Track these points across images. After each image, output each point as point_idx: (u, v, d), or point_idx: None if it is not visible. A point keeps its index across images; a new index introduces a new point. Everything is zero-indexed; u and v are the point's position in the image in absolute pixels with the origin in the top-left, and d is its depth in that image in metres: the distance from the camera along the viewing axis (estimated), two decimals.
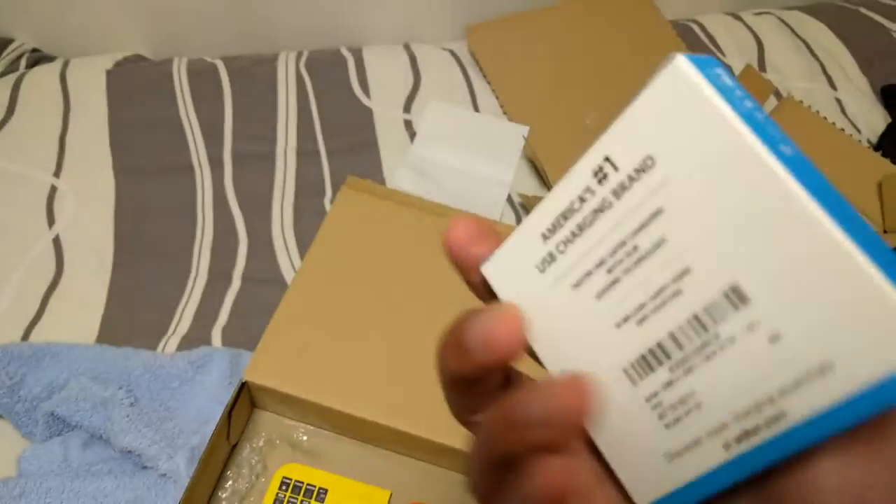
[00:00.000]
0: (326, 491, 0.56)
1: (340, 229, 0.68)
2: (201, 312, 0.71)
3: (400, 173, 0.84)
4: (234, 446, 0.59)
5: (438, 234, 0.70)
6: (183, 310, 0.71)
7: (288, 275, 0.75)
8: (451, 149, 0.88)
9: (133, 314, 0.70)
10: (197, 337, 0.69)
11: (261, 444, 0.59)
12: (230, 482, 0.57)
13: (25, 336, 0.66)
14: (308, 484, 0.56)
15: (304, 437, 0.60)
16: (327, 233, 0.67)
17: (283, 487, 0.56)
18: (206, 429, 0.57)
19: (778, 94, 0.98)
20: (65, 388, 0.59)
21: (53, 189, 0.78)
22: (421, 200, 0.71)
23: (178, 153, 0.84)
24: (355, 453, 0.59)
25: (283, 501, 0.55)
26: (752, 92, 0.92)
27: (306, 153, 0.87)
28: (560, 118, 0.94)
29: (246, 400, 0.58)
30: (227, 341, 0.69)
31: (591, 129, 0.93)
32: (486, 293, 0.21)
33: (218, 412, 0.60)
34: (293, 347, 0.59)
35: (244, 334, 0.70)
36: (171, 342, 0.68)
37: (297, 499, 0.55)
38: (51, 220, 0.75)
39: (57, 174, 0.79)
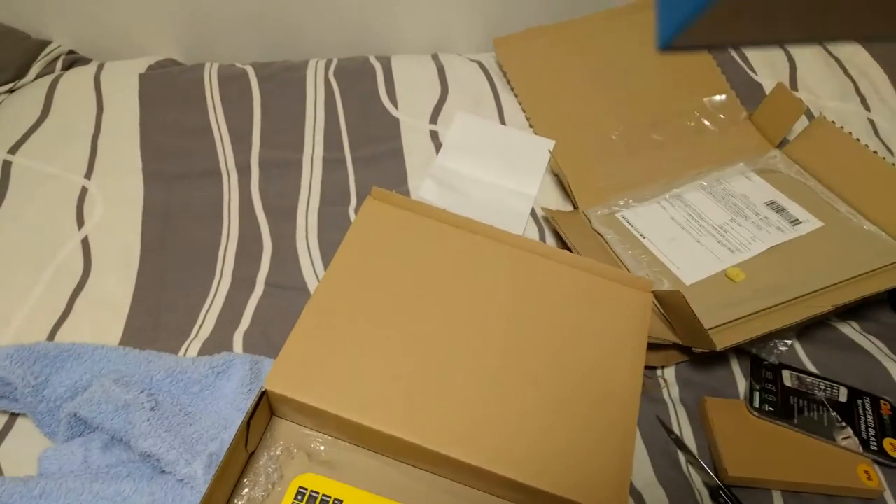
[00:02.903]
0: (342, 502, 0.56)
1: (364, 239, 0.68)
2: (224, 317, 0.71)
3: (425, 184, 0.84)
4: (252, 454, 0.59)
5: (462, 246, 0.70)
6: (206, 314, 0.71)
7: (310, 282, 0.75)
8: (477, 160, 0.88)
9: (157, 317, 0.71)
10: (218, 341, 0.69)
11: (278, 452, 0.59)
12: (246, 490, 0.57)
13: (52, 335, 0.67)
14: (324, 495, 0.56)
15: (322, 448, 0.60)
16: (351, 242, 0.67)
17: (299, 497, 0.56)
18: (225, 435, 0.57)
19: (809, 114, 0.96)
20: (87, 389, 0.60)
21: (84, 190, 0.79)
22: (445, 213, 0.71)
23: (206, 158, 0.85)
24: (372, 465, 0.59)
25: None
26: (784, 112, 0.90)
27: (332, 161, 0.87)
28: (586, 132, 0.94)
29: (265, 408, 0.58)
30: (247, 347, 0.69)
31: (618, 144, 0.93)
32: None
33: (237, 418, 0.60)
34: (314, 357, 0.59)
35: (265, 340, 0.70)
36: (192, 346, 0.68)
37: None
38: (80, 222, 0.76)
39: (88, 176, 0.80)
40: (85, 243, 0.75)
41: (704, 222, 0.82)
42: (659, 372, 0.72)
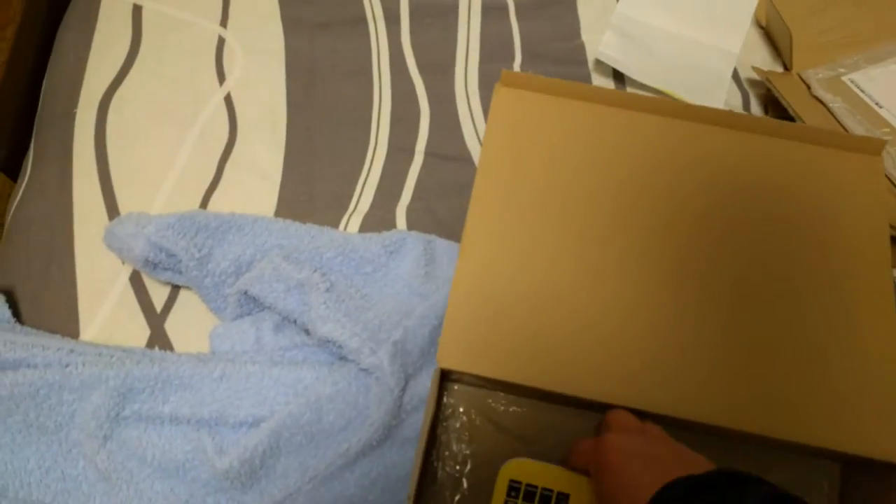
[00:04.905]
0: (568, 496, 0.44)
1: (507, 144, 0.54)
2: (383, 189, 0.64)
3: (605, 37, 0.70)
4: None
5: (631, 134, 0.53)
6: (363, 185, 0.64)
7: (474, 150, 0.66)
8: (667, 9, 0.73)
9: (311, 186, 0.63)
10: (380, 216, 0.62)
11: (458, 425, 0.51)
12: (438, 471, 0.50)
13: (204, 203, 0.62)
14: (543, 489, 0.45)
15: (505, 408, 0.51)
16: (492, 151, 0.54)
17: (513, 494, 0.45)
18: (408, 323, 0.51)
19: None
20: (252, 264, 0.54)
21: (221, 41, 0.70)
22: (597, 90, 0.55)
23: (349, 5, 0.74)
24: (567, 422, 0.50)
25: None
26: None
27: (492, 9, 0.74)
28: None
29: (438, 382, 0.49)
30: (411, 223, 0.62)
31: None
32: None
33: (416, 303, 0.54)
34: (485, 317, 0.48)
35: (430, 216, 0.62)
36: (353, 220, 0.61)
37: None
38: (221, 76, 0.68)
39: (223, 24, 0.71)
40: (228, 101, 0.67)
41: None
42: None
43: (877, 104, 0.66)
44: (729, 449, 0.49)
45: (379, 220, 0.62)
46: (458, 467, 0.50)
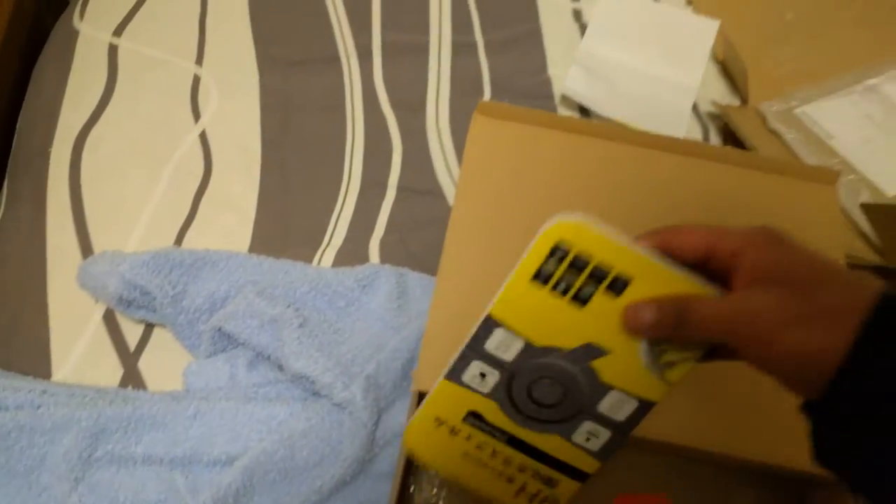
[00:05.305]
0: (629, 281, 0.30)
1: (484, 173, 0.55)
2: (356, 223, 0.65)
3: (571, 73, 0.73)
4: None
5: (603, 161, 0.57)
6: (337, 220, 0.65)
7: (445, 185, 0.67)
8: (628, 46, 0.76)
9: (286, 221, 0.64)
10: (353, 250, 0.63)
11: None
12: (413, 490, 0.51)
13: (179, 239, 0.62)
14: (599, 264, 0.30)
15: None
16: (470, 180, 0.55)
17: (555, 257, 0.31)
18: (381, 356, 0.52)
19: None
20: (227, 300, 0.55)
21: (197, 79, 0.71)
22: (571, 120, 0.58)
23: (323, 42, 0.76)
24: None
25: (549, 277, 0.31)
26: None
27: (462, 45, 0.76)
28: (756, 10, 0.79)
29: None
30: (385, 257, 0.63)
31: (795, 24, 0.78)
32: None
33: (389, 337, 0.55)
34: (460, 341, 0.49)
35: (403, 249, 0.63)
36: (326, 254, 0.62)
37: (574, 280, 0.30)
38: (196, 114, 0.69)
39: (199, 62, 0.73)
40: (203, 138, 0.68)
41: None
42: None
43: (828, 135, 0.69)
44: (692, 473, 0.51)
45: (352, 254, 0.63)
46: (434, 491, 0.51)
